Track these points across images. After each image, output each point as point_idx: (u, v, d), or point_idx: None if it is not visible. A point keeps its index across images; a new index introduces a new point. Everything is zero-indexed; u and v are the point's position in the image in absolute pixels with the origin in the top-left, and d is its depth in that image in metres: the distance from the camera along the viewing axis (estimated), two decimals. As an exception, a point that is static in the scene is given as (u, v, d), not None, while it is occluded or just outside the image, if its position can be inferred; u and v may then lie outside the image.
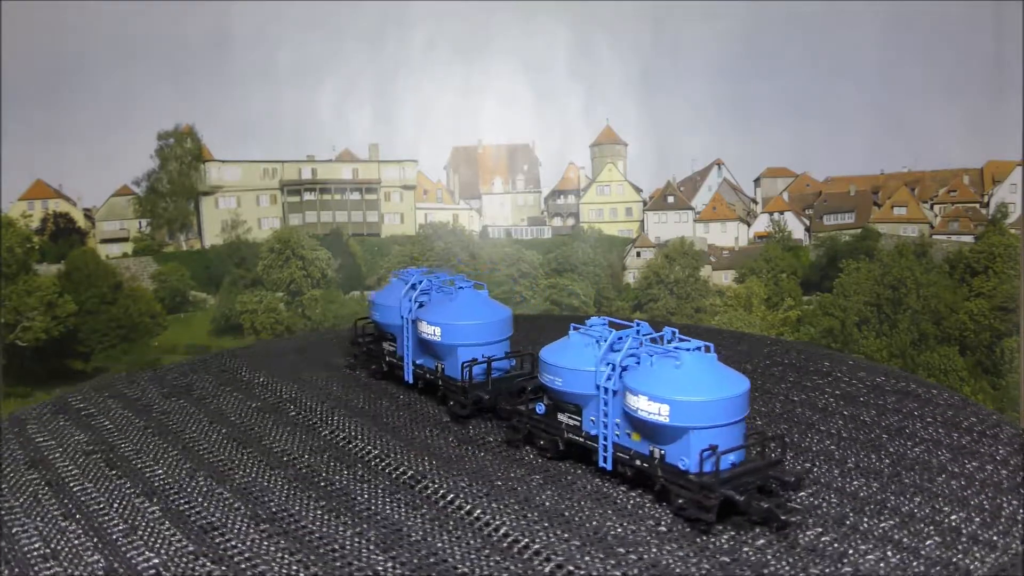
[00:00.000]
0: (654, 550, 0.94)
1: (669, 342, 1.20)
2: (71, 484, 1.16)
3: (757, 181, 9.63)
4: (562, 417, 1.33)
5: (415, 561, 0.92)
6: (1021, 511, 0.93)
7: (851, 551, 0.92)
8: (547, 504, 1.11)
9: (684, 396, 1.07)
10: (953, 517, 0.98)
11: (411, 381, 1.68)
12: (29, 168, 8.30)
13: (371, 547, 0.97)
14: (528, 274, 8.93)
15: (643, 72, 8.54)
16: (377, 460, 1.26)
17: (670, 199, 9.50)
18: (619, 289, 9.17)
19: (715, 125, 9.10)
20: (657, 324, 1.38)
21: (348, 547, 0.97)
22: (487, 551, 0.97)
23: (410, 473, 1.21)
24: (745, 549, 0.94)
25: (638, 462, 1.16)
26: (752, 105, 8.82)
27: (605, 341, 1.26)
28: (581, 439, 1.29)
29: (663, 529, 1.01)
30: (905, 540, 0.93)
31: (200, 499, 1.16)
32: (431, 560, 0.90)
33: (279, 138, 8.96)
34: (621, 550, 0.93)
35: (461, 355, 1.52)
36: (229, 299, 8.61)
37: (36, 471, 1.24)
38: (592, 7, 8.15)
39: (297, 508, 1.08)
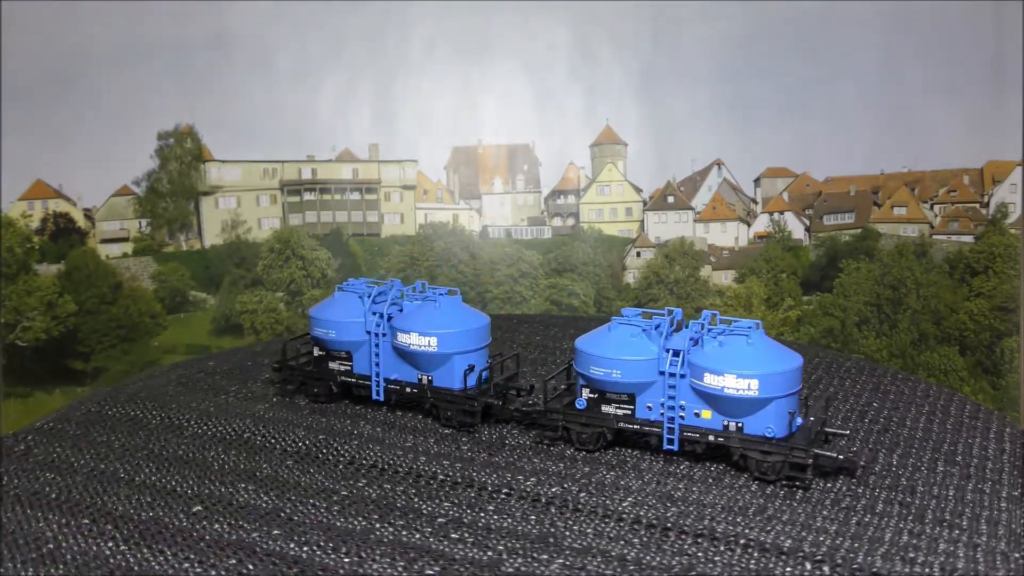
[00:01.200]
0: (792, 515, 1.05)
1: (711, 325, 1.35)
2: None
3: (757, 181, 9.62)
4: (608, 408, 1.36)
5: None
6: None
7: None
8: (657, 488, 1.18)
9: (769, 369, 1.18)
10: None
11: (381, 398, 1.60)
12: (29, 168, 8.30)
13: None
14: (528, 274, 8.92)
15: (643, 72, 8.54)
16: (449, 481, 1.17)
17: (670, 199, 9.50)
18: (619, 289, 9.17)
19: (715, 125, 9.10)
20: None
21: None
22: (669, 543, 0.98)
23: (493, 486, 1.17)
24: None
25: (711, 437, 1.23)
26: (752, 105, 8.82)
27: (654, 330, 1.35)
28: (635, 426, 1.34)
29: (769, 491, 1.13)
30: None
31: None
32: (633, 567, 0.89)
33: (279, 138, 8.96)
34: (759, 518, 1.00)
35: (457, 363, 1.50)
36: (229, 299, 8.61)
37: None
38: (592, 7, 8.15)
39: (454, 551, 0.96)
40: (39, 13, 7.55)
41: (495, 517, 1.04)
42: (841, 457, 1.18)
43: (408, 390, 1.54)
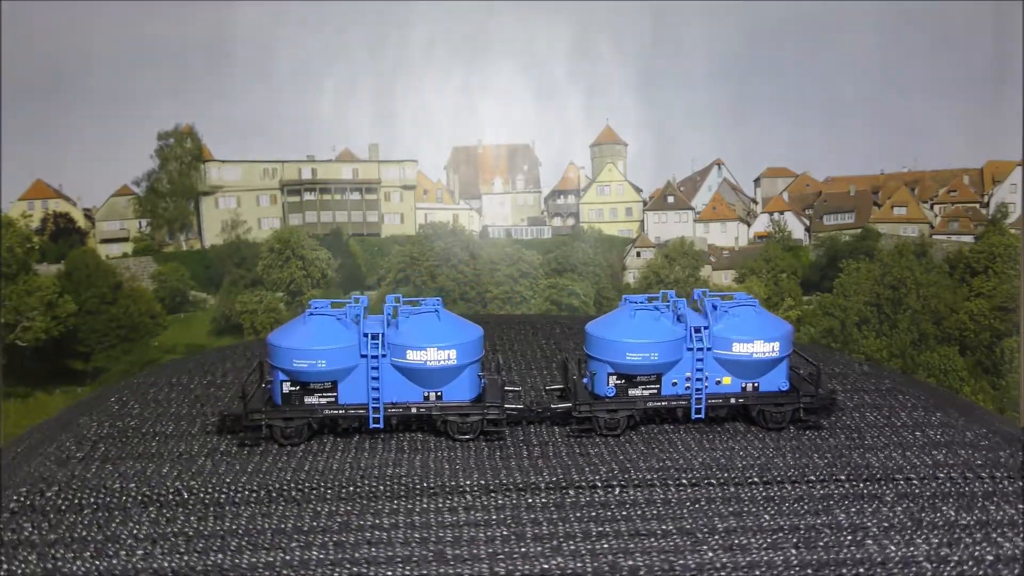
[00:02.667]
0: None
1: (703, 301, 1.49)
2: None
3: (757, 181, 9.63)
4: (635, 391, 1.44)
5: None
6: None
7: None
8: (720, 457, 1.27)
9: (785, 332, 1.38)
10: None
11: (381, 425, 1.46)
12: (29, 168, 8.31)
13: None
14: (528, 274, 8.92)
15: (643, 72, 8.55)
16: (532, 497, 1.13)
17: (670, 199, 9.51)
18: (619, 289, 9.17)
19: (715, 125, 9.11)
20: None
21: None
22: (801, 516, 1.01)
23: (603, 481, 1.15)
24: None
25: (733, 400, 1.38)
26: (752, 105, 8.83)
27: (669, 312, 1.48)
28: (664, 403, 1.44)
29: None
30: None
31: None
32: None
33: (279, 138, 8.97)
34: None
35: (469, 373, 1.49)
36: (229, 299, 8.61)
37: None
38: (592, 7, 8.15)
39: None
40: (39, 13, 7.56)
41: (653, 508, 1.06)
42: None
43: (415, 411, 1.45)
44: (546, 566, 0.91)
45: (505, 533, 0.97)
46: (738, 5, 7.88)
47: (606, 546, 0.92)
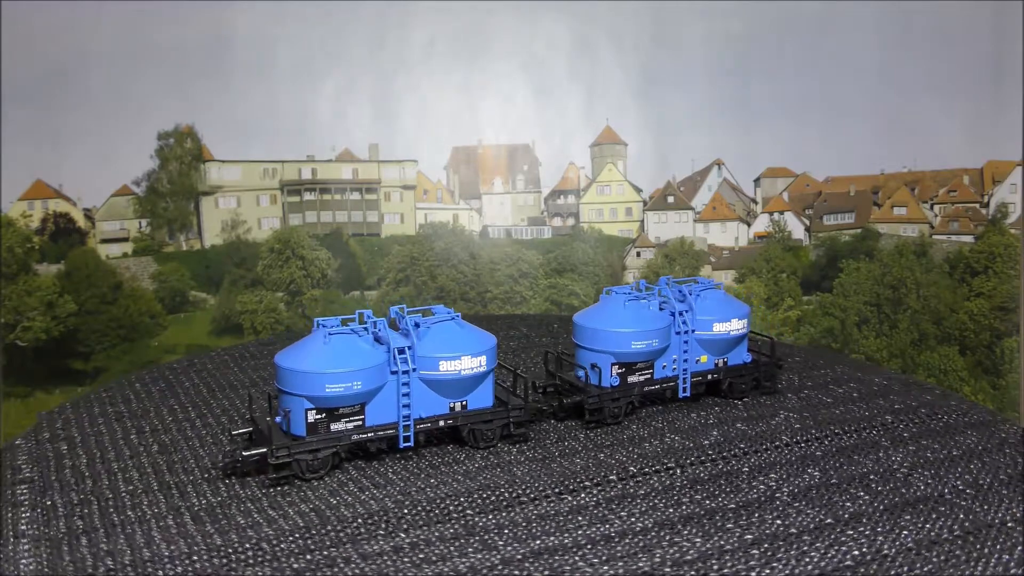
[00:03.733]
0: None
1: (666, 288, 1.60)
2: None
3: (757, 181, 9.63)
4: (633, 378, 1.51)
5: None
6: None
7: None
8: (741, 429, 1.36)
9: (748, 310, 1.48)
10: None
11: (412, 443, 1.39)
12: (29, 168, 8.31)
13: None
14: (528, 274, 8.93)
15: (643, 72, 8.55)
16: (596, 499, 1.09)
17: (670, 199, 9.51)
18: (619, 289, 9.17)
19: (715, 125, 9.11)
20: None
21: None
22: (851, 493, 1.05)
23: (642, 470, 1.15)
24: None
25: (710, 376, 1.48)
26: (752, 105, 8.83)
27: (652, 300, 1.57)
28: (658, 386, 1.52)
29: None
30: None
31: None
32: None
33: (279, 138, 8.97)
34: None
35: (490, 380, 1.49)
36: (229, 299, 8.61)
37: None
38: (592, 7, 8.15)
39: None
40: (39, 13, 7.56)
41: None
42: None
43: (443, 423, 1.40)
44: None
45: (640, 526, 0.97)
46: (738, 5, 7.88)
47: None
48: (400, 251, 9.21)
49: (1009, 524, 0.96)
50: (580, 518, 0.92)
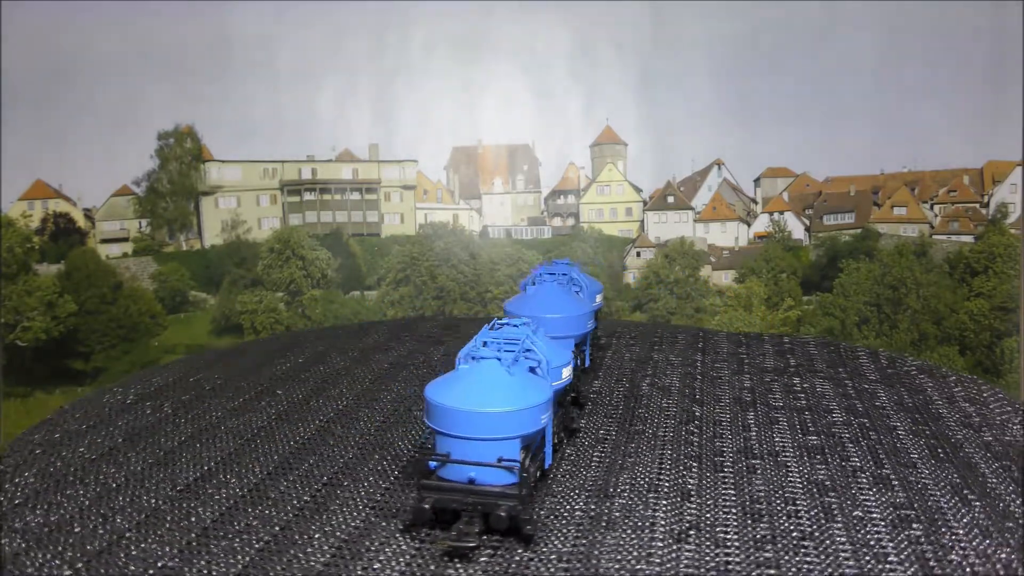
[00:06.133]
0: None
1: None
2: None
3: (757, 181, 9.63)
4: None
5: None
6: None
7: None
8: None
9: (432, 397, 0.91)
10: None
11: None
12: (29, 168, 8.31)
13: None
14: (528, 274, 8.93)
15: (643, 72, 8.56)
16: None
17: (670, 199, 9.51)
18: (619, 289, 9.18)
19: (715, 125, 9.12)
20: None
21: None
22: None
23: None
24: None
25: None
26: (752, 105, 8.84)
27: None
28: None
29: None
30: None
31: None
32: None
33: (279, 138, 8.98)
34: None
35: None
36: (229, 299, 8.61)
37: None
38: (592, 7, 8.16)
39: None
40: (39, 14, 7.56)
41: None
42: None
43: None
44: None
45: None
46: (738, 5, 7.88)
47: None
48: (400, 251, 9.23)
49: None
50: None
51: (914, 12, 7.71)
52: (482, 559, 0.82)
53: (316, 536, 0.85)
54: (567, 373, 0.99)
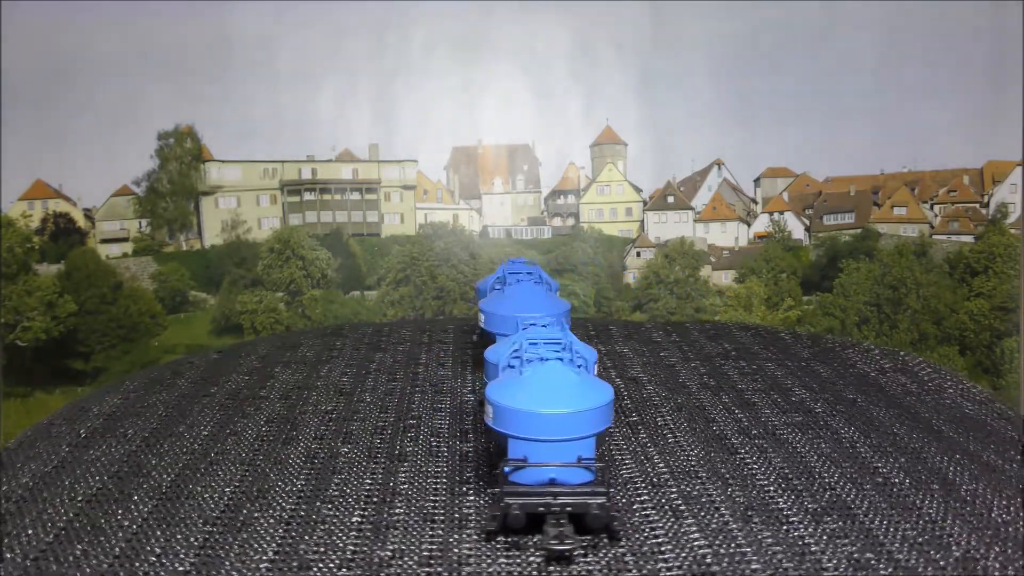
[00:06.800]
0: None
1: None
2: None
3: (757, 181, 9.63)
4: None
5: None
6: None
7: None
8: None
9: (504, 401, 0.92)
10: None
11: None
12: (29, 168, 8.31)
13: None
14: (528, 274, 8.94)
15: (643, 72, 8.56)
16: None
17: (670, 199, 9.51)
18: (619, 289, 9.18)
19: (715, 125, 9.11)
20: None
21: None
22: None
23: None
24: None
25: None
26: (752, 105, 8.83)
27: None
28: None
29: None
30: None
31: None
32: None
33: (279, 138, 8.97)
34: None
35: None
36: (229, 299, 8.62)
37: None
38: (592, 7, 8.16)
39: None
40: (39, 14, 7.57)
41: None
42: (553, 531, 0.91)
43: None
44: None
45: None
46: (738, 5, 7.89)
47: None
48: (400, 251, 9.23)
49: None
50: None
51: (914, 12, 7.72)
52: (582, 560, 0.83)
53: (406, 557, 0.84)
54: (596, 369, 0.99)
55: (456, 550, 0.83)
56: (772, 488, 0.96)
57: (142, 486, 0.97)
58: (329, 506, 0.92)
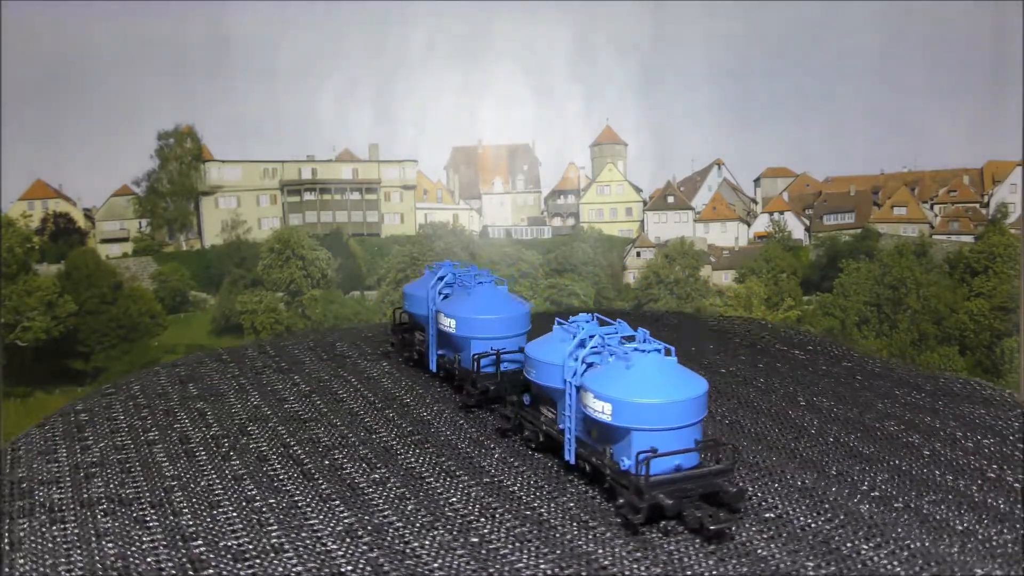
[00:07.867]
0: (570, 539, 0.96)
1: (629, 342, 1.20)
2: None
3: (757, 181, 9.63)
4: (544, 410, 1.34)
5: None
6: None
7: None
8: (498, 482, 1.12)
9: (627, 396, 1.05)
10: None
11: (435, 370, 1.62)
12: (29, 168, 8.31)
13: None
14: (528, 274, 8.93)
15: (643, 72, 8.56)
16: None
17: (670, 199, 9.51)
18: (619, 289, 9.18)
19: (715, 125, 9.12)
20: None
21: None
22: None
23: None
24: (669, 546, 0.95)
25: (594, 459, 1.16)
26: (752, 105, 8.84)
27: (577, 337, 1.27)
28: (554, 432, 1.29)
29: (593, 524, 1.01)
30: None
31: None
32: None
33: (279, 138, 8.98)
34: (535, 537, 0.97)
35: (474, 347, 1.50)
36: (229, 299, 8.62)
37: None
38: (592, 7, 8.16)
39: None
40: (39, 13, 7.56)
41: None
42: (698, 515, 1.05)
43: (447, 366, 1.62)
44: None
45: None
46: (738, 5, 7.89)
47: None
48: (400, 251, 9.23)
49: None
50: None
51: (914, 12, 7.71)
52: (734, 538, 0.91)
53: (547, 550, 0.90)
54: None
55: (602, 550, 0.91)
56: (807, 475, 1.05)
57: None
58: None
